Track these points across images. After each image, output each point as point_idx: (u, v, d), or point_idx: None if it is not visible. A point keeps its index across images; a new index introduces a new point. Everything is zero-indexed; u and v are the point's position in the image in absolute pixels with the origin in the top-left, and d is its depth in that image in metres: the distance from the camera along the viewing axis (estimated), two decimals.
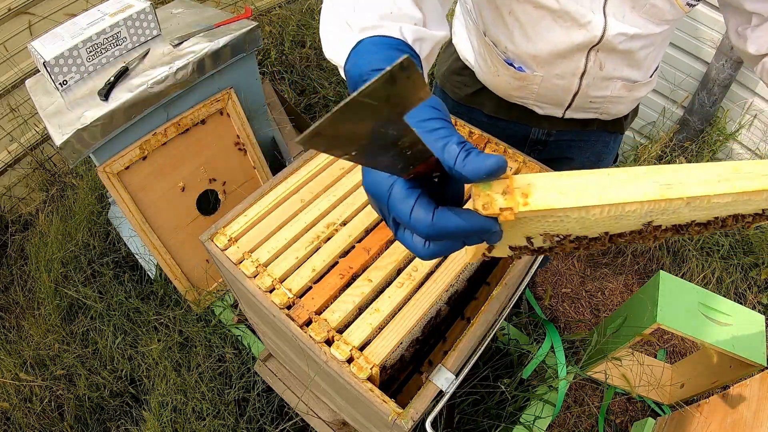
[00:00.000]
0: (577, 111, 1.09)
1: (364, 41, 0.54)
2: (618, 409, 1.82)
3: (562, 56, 0.94)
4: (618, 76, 0.98)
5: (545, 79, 1.00)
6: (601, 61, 0.95)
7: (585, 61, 0.94)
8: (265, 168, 1.89)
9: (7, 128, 2.20)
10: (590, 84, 1.00)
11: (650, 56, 0.97)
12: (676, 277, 1.52)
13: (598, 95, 1.03)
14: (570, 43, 0.91)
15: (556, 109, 1.09)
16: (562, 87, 1.01)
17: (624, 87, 1.01)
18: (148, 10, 1.53)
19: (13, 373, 1.70)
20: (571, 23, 0.88)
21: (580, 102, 1.05)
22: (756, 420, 1.22)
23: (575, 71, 0.97)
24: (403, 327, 0.84)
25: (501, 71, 1.05)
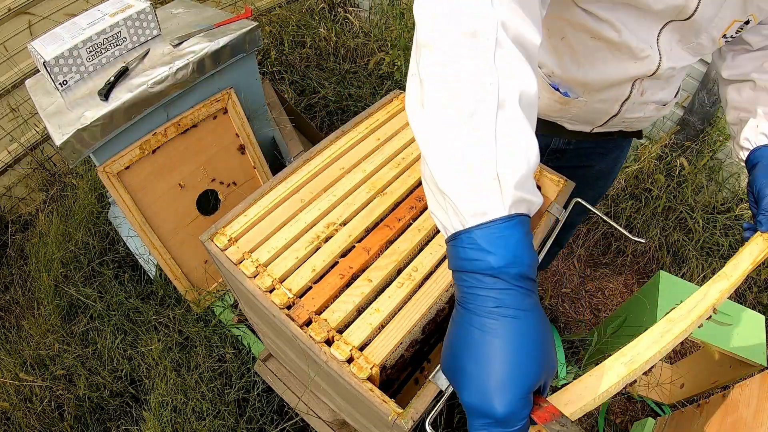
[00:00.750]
0: (606, 127, 1.11)
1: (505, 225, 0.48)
2: (618, 409, 1.82)
3: (612, 85, 0.97)
4: (653, 99, 1.02)
5: (588, 104, 1.02)
6: (644, 88, 0.98)
7: (630, 88, 0.97)
8: (265, 168, 1.89)
9: (7, 128, 2.20)
10: (629, 108, 1.03)
11: (679, 79, 1.03)
12: (676, 277, 1.52)
13: (632, 117, 1.06)
14: (624, 75, 0.93)
15: (587, 126, 1.11)
16: (602, 110, 1.04)
17: (656, 108, 1.05)
18: (148, 10, 1.53)
19: (13, 373, 1.70)
20: (629, 56, 0.89)
21: (613, 122, 1.08)
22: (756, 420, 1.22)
23: (619, 97, 0.99)
24: (403, 327, 0.84)
25: (543, 94, 1.05)
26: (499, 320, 0.47)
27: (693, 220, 2.21)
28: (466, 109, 0.49)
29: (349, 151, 1.12)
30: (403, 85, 2.58)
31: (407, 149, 1.13)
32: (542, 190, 1.12)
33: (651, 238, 2.25)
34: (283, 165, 2.00)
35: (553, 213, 1.04)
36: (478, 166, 0.49)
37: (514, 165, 0.49)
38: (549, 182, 1.10)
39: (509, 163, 0.49)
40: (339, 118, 2.70)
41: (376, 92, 2.68)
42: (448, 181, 0.50)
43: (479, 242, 0.48)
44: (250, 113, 1.79)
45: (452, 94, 0.50)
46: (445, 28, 0.51)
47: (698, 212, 2.21)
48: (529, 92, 0.52)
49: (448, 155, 0.51)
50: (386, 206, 1.01)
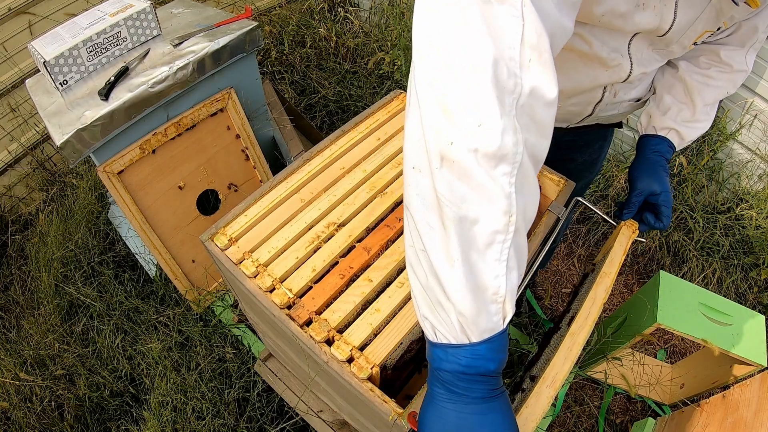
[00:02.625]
0: (582, 124, 1.14)
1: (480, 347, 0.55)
2: (618, 409, 1.82)
3: (584, 92, 0.99)
4: (627, 99, 1.03)
5: (561, 108, 1.05)
6: (616, 91, 1.00)
7: (602, 92, 0.99)
8: (265, 168, 1.89)
9: (7, 128, 2.20)
10: (602, 109, 1.05)
11: (652, 75, 1.03)
12: (676, 277, 1.52)
13: (606, 114, 1.08)
14: (594, 83, 0.95)
15: (562, 123, 1.15)
16: (575, 112, 1.07)
17: (630, 105, 1.07)
18: (148, 10, 1.53)
19: (13, 373, 1.70)
20: (599, 65, 0.91)
21: (588, 121, 1.11)
22: (756, 420, 1.22)
23: (591, 101, 1.02)
24: (404, 327, 0.84)
25: None
26: (493, 401, 0.56)
27: (693, 220, 2.21)
28: (482, 241, 0.51)
29: (349, 151, 1.12)
30: (402, 85, 2.58)
31: None
32: (542, 190, 1.12)
33: (651, 238, 2.25)
34: (283, 165, 2.00)
35: (554, 212, 1.04)
36: (489, 293, 0.53)
37: (514, 285, 0.54)
38: (549, 182, 1.10)
39: (513, 284, 0.54)
40: (339, 118, 2.70)
41: (376, 92, 2.68)
42: (458, 300, 0.53)
43: (482, 353, 0.54)
44: (250, 113, 1.79)
45: (468, 233, 0.51)
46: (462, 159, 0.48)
47: (698, 212, 2.21)
48: (534, 209, 0.55)
49: (462, 279, 0.52)
50: (386, 206, 1.01)
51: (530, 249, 0.97)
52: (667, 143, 1.03)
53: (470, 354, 0.54)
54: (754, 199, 2.21)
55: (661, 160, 1.02)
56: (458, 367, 0.55)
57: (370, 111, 1.21)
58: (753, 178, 2.26)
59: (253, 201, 1.01)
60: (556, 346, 0.85)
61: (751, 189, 2.27)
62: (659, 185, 0.99)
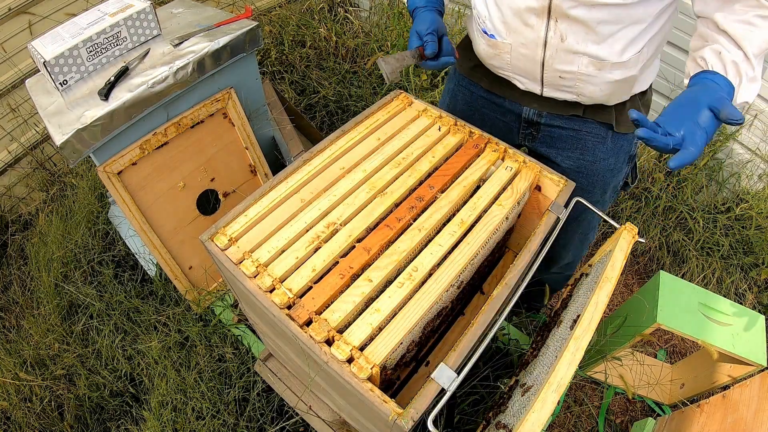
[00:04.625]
0: (553, 89, 1.13)
1: None
2: (618, 409, 1.82)
3: (522, 21, 1.01)
4: (583, 51, 1.01)
5: (513, 48, 1.08)
6: (561, 33, 0.99)
7: (545, 29, 1.00)
8: (265, 168, 1.89)
9: (7, 128, 2.20)
10: (554, 56, 1.04)
11: (619, 35, 0.98)
12: (676, 277, 1.52)
13: (565, 69, 1.06)
14: (526, 6, 0.98)
15: (534, 84, 1.14)
16: (528, 57, 1.07)
17: (592, 64, 1.03)
18: (148, 10, 1.53)
19: (13, 373, 1.70)
20: None
21: (550, 76, 1.09)
22: (756, 420, 1.22)
23: (537, 40, 1.03)
24: (404, 327, 0.84)
25: (479, 40, 1.16)
26: None
27: (693, 220, 2.21)
28: None
29: (349, 151, 1.12)
30: (402, 85, 2.58)
31: (407, 149, 1.13)
32: (543, 190, 1.13)
33: (651, 238, 2.26)
34: (283, 165, 2.00)
35: (554, 212, 1.04)
36: None
37: None
38: (549, 182, 1.10)
39: None
40: (339, 118, 2.70)
41: (376, 92, 2.68)
42: None
43: None
44: (250, 113, 1.79)
45: None
46: None
47: (698, 212, 2.21)
48: None
49: None
50: (386, 206, 1.01)
51: (530, 249, 0.97)
52: (723, 80, 0.87)
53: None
54: (754, 199, 2.21)
55: (709, 89, 0.85)
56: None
57: (370, 111, 1.21)
58: (753, 178, 2.26)
59: (253, 201, 1.01)
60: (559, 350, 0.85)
61: (751, 189, 2.27)
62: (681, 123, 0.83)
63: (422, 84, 2.52)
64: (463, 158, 1.11)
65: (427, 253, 0.93)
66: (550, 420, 1.65)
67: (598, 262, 1.11)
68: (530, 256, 0.97)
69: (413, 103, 1.24)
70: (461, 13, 2.72)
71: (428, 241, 0.96)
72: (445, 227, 0.98)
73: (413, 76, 2.51)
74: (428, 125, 1.19)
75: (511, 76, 1.17)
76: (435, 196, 1.03)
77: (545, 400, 0.75)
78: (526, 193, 1.09)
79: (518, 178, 1.09)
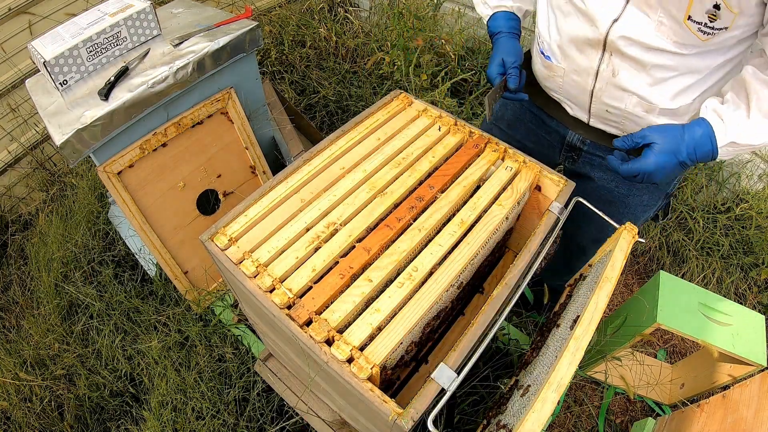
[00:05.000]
0: (599, 120, 1.13)
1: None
2: (618, 409, 1.82)
3: (578, 49, 1.02)
4: (633, 90, 1.00)
5: (566, 73, 1.08)
6: (614, 67, 0.99)
7: (599, 61, 1.00)
8: (265, 168, 1.89)
9: (7, 128, 2.20)
10: (603, 89, 1.03)
11: (672, 81, 0.96)
12: (676, 277, 1.52)
13: (613, 104, 1.05)
14: (583, 36, 0.99)
15: (582, 112, 1.14)
16: (579, 85, 1.07)
17: (640, 105, 1.02)
18: (148, 10, 1.53)
19: (13, 373, 1.70)
20: (586, 20, 0.97)
21: (597, 108, 1.09)
22: (756, 420, 1.22)
23: (589, 70, 1.03)
24: (404, 327, 0.84)
25: (537, 59, 1.19)
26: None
27: (693, 220, 2.21)
28: None
29: (349, 151, 1.12)
30: (402, 85, 2.58)
31: (407, 149, 1.13)
32: (543, 190, 1.13)
33: (651, 238, 2.25)
34: (283, 165, 2.00)
35: (554, 212, 1.04)
36: None
37: None
38: (549, 182, 1.10)
39: None
40: (339, 118, 2.70)
41: (376, 92, 2.68)
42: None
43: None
44: (250, 113, 1.79)
45: None
46: None
47: (698, 212, 2.21)
48: None
49: None
50: (386, 206, 1.01)
51: (530, 249, 0.97)
52: (705, 126, 0.91)
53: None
54: (754, 199, 2.21)
55: (679, 128, 0.93)
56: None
57: (369, 111, 1.21)
58: (753, 178, 2.26)
59: (253, 201, 1.01)
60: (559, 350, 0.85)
61: (751, 189, 2.27)
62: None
63: (422, 84, 2.52)
64: (463, 158, 1.11)
65: (427, 253, 0.93)
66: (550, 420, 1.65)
67: (598, 262, 1.11)
68: (530, 256, 0.97)
69: (413, 103, 1.24)
70: (461, 13, 2.72)
71: (428, 241, 0.96)
72: (445, 227, 0.98)
73: (413, 76, 2.51)
74: (428, 125, 1.19)
75: (561, 100, 1.18)
76: (435, 196, 1.03)
77: (545, 400, 0.75)
78: (526, 193, 1.09)
79: (518, 178, 1.09)
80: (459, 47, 2.63)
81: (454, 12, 2.75)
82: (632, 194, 1.24)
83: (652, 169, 0.94)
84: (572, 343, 0.81)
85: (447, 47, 2.55)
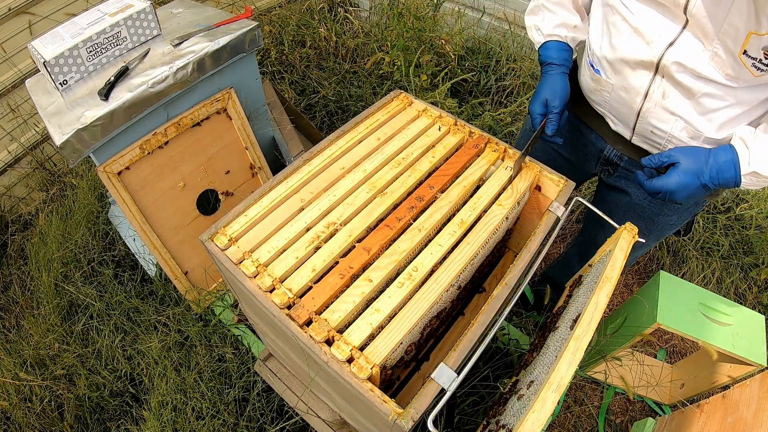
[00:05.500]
0: (642, 139, 1.12)
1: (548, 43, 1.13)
2: (618, 409, 1.82)
3: (630, 67, 1.00)
4: (681, 115, 0.99)
5: (614, 89, 1.07)
6: (665, 90, 0.98)
7: (649, 83, 0.99)
8: (265, 168, 1.89)
9: (7, 128, 2.20)
10: (651, 110, 1.02)
11: (721, 112, 0.96)
12: (676, 277, 1.52)
13: (659, 126, 1.04)
14: (636, 56, 0.98)
15: (625, 129, 1.13)
16: (626, 102, 1.06)
17: (686, 131, 1.01)
18: (148, 10, 1.53)
19: (13, 373, 1.70)
20: (642, 40, 0.96)
21: (642, 128, 1.08)
22: (756, 420, 1.22)
23: (639, 89, 1.01)
24: (404, 327, 0.84)
25: (585, 71, 1.16)
26: None
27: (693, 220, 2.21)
28: None
29: (349, 151, 1.12)
30: (402, 85, 2.58)
31: (407, 149, 1.13)
32: (543, 189, 1.13)
33: None
34: (283, 165, 2.00)
35: (554, 212, 1.04)
36: None
37: None
38: (549, 182, 1.10)
39: None
40: (339, 118, 2.70)
41: (376, 92, 2.68)
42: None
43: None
44: (250, 113, 1.79)
45: None
46: None
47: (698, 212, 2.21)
48: None
49: None
50: (386, 206, 1.01)
51: (530, 249, 0.97)
52: (731, 152, 0.93)
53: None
54: (754, 199, 2.21)
55: (706, 155, 0.95)
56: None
57: (369, 111, 1.21)
58: None
59: (253, 201, 1.01)
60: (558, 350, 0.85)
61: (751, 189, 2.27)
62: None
63: (422, 84, 2.52)
64: (463, 158, 1.11)
65: (427, 253, 0.93)
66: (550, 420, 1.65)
67: (598, 262, 1.11)
68: (530, 256, 0.97)
69: (413, 103, 1.24)
70: (461, 13, 2.72)
71: (428, 241, 0.96)
72: (445, 227, 0.98)
73: (413, 76, 2.52)
74: (428, 125, 1.19)
75: (606, 114, 1.16)
76: (435, 196, 1.03)
77: (545, 400, 0.75)
78: (526, 193, 1.09)
79: (518, 178, 1.09)
80: (459, 47, 2.63)
81: (454, 12, 2.75)
82: (662, 214, 1.25)
83: (674, 187, 0.96)
84: (572, 344, 0.81)
85: (447, 47, 2.54)
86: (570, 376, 0.77)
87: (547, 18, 1.14)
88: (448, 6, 2.82)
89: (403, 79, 2.57)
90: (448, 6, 2.82)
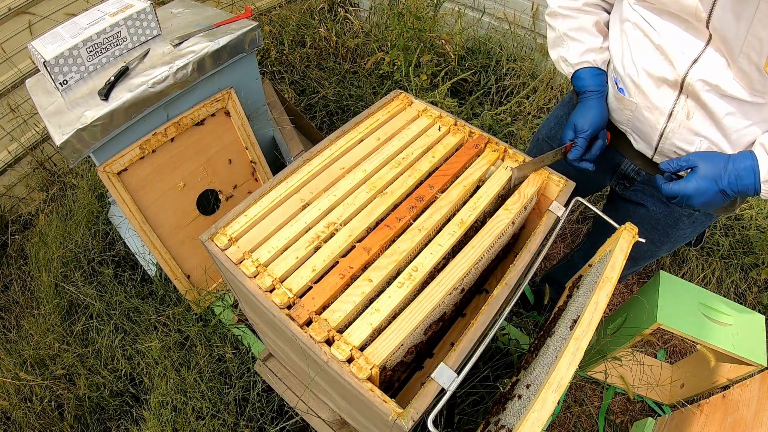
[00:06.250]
0: (664, 158, 1.10)
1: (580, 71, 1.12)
2: (618, 409, 1.82)
3: (654, 85, 0.99)
4: (705, 135, 0.98)
5: (638, 108, 1.05)
6: (689, 110, 0.97)
7: (674, 103, 0.98)
8: (265, 168, 1.89)
9: (7, 128, 2.20)
10: (675, 131, 1.01)
11: (745, 131, 0.95)
12: (676, 277, 1.52)
13: (682, 147, 1.03)
14: (660, 75, 0.96)
15: (647, 148, 1.11)
16: (650, 122, 1.04)
17: (710, 151, 1.00)
18: (148, 10, 1.53)
19: (13, 373, 1.70)
20: (665, 58, 0.95)
21: (665, 148, 1.06)
22: (756, 420, 1.23)
23: (663, 109, 1.00)
24: (405, 329, 0.83)
25: (609, 88, 1.14)
26: None
27: None
28: None
29: (349, 151, 1.12)
30: (402, 85, 2.58)
31: (407, 149, 1.13)
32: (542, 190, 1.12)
33: None
34: (283, 165, 2.00)
35: (554, 212, 1.04)
36: None
37: None
38: (549, 182, 1.10)
39: None
40: (339, 118, 2.70)
41: (376, 92, 2.68)
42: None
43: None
44: (250, 113, 1.79)
45: None
46: None
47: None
48: None
49: None
50: (386, 206, 1.01)
51: (530, 249, 0.97)
52: (751, 158, 0.91)
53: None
54: (754, 199, 2.21)
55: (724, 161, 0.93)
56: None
57: (369, 111, 1.21)
58: None
59: (253, 201, 1.01)
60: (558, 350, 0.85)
61: None
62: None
63: (422, 84, 2.52)
64: (463, 158, 1.11)
65: (427, 253, 0.93)
66: (550, 420, 1.65)
67: (598, 262, 1.11)
68: (530, 256, 0.97)
69: (413, 102, 1.24)
70: (461, 13, 2.72)
71: (428, 241, 0.96)
72: (445, 227, 0.98)
73: (413, 76, 2.52)
74: (428, 125, 1.19)
75: (628, 132, 1.14)
76: (435, 196, 1.03)
77: (545, 400, 0.75)
78: (534, 198, 1.09)
79: (526, 183, 1.08)
80: (459, 47, 2.63)
81: (454, 12, 2.75)
82: (677, 227, 1.24)
83: (691, 192, 0.94)
84: (572, 344, 0.81)
85: (447, 47, 2.55)
86: (570, 376, 0.77)
87: (572, 47, 1.12)
88: (448, 6, 2.82)
89: (403, 79, 2.57)
90: (448, 6, 2.82)
